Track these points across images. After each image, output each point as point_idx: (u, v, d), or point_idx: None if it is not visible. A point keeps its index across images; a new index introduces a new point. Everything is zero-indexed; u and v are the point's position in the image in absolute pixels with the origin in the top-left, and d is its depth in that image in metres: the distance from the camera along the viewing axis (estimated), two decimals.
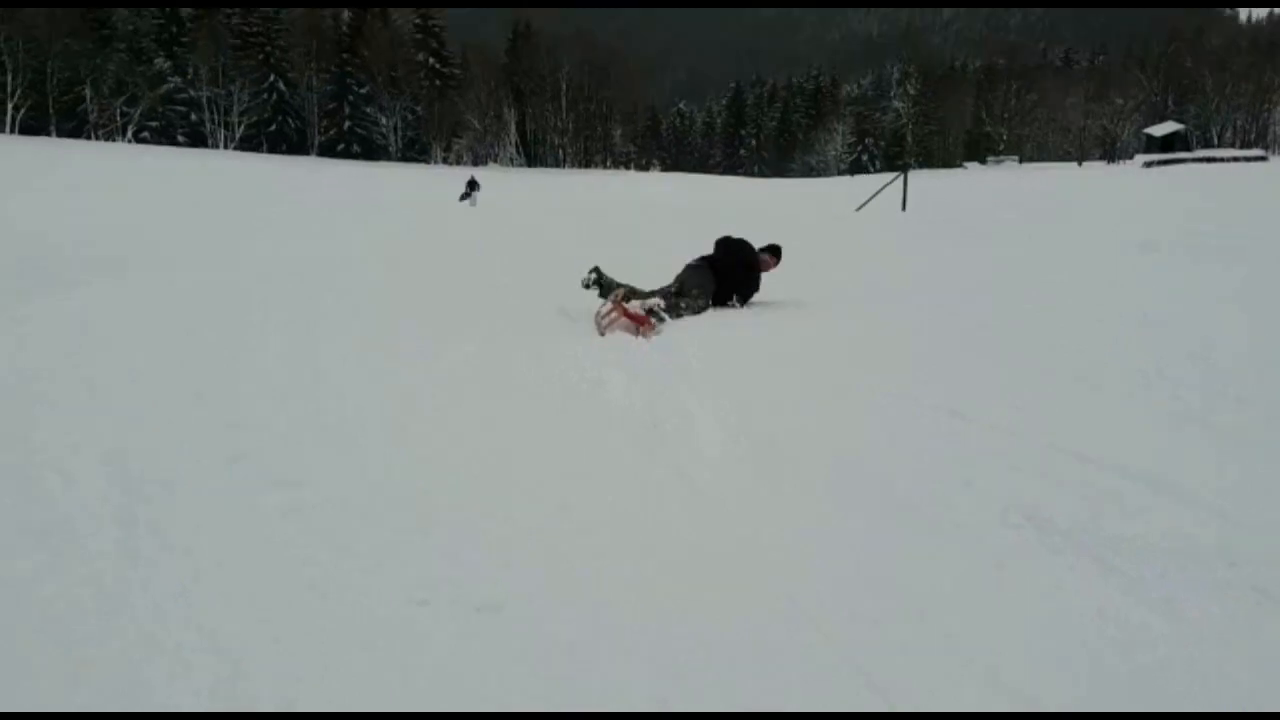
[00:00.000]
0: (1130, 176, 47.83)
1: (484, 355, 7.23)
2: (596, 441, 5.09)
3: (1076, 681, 2.79)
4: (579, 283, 9.84)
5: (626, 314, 7.93)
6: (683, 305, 8.89)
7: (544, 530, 3.92)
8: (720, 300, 9.46)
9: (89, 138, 76.85)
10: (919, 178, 33.44)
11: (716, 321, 8.23)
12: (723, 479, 4.45)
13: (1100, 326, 7.29)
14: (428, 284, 11.65)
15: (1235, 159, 70.05)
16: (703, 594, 3.34)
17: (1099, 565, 3.42)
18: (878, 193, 31.05)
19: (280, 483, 4.52)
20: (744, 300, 9.68)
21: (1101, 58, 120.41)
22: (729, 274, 9.54)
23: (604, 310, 8.13)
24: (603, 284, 9.67)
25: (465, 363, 7.02)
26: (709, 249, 9.79)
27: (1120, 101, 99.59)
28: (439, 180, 48.90)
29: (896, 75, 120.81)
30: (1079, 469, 4.25)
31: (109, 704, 2.77)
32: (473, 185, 36.84)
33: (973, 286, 9.83)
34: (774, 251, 10.18)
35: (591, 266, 9.88)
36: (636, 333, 7.74)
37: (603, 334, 7.78)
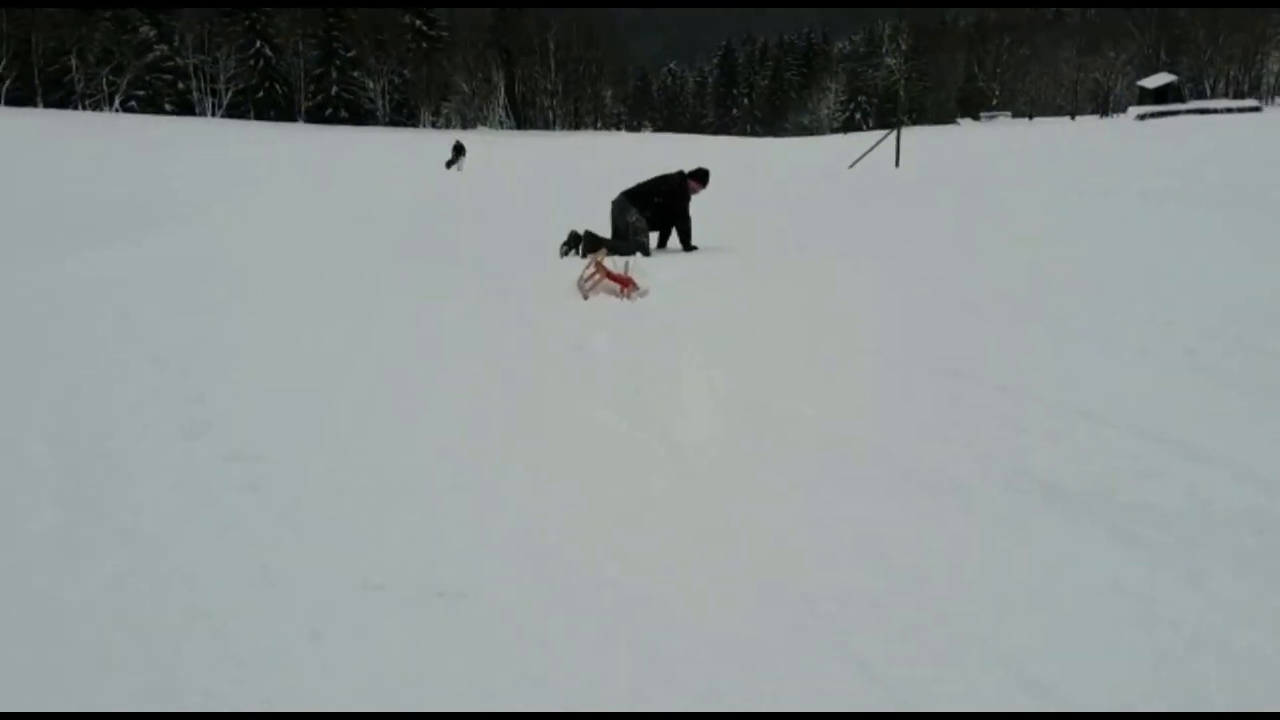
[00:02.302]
0: (1124, 129, 47.35)
1: (465, 320, 6.95)
2: (577, 409, 4.81)
3: (1093, 664, 2.51)
4: (559, 252, 9.78)
5: (609, 275, 7.63)
6: (617, 247, 9.36)
7: (517, 505, 3.65)
8: (657, 227, 10.21)
9: (76, 108, 75.94)
10: (912, 134, 32.96)
11: (703, 281, 7.91)
12: (710, 447, 4.17)
13: (1102, 279, 6.99)
14: (410, 250, 11.33)
15: (1229, 110, 69.41)
16: (687, 576, 3.06)
17: (1114, 534, 3.14)
18: (870, 150, 30.60)
19: (238, 455, 4.25)
20: (682, 234, 10.08)
21: (1093, 11, 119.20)
22: (646, 200, 9.98)
23: (586, 273, 7.82)
24: (581, 241, 9.60)
25: (445, 327, 6.74)
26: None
27: (1112, 54, 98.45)
28: (426, 144, 48.25)
29: (888, 31, 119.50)
30: (1090, 429, 3.97)
31: None
32: (459, 150, 36.22)
33: (969, 244, 9.51)
34: (699, 176, 10.33)
35: (568, 233, 9.97)
36: (620, 294, 7.44)
37: (586, 297, 7.47)
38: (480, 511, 3.59)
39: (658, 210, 10.04)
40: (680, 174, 10.23)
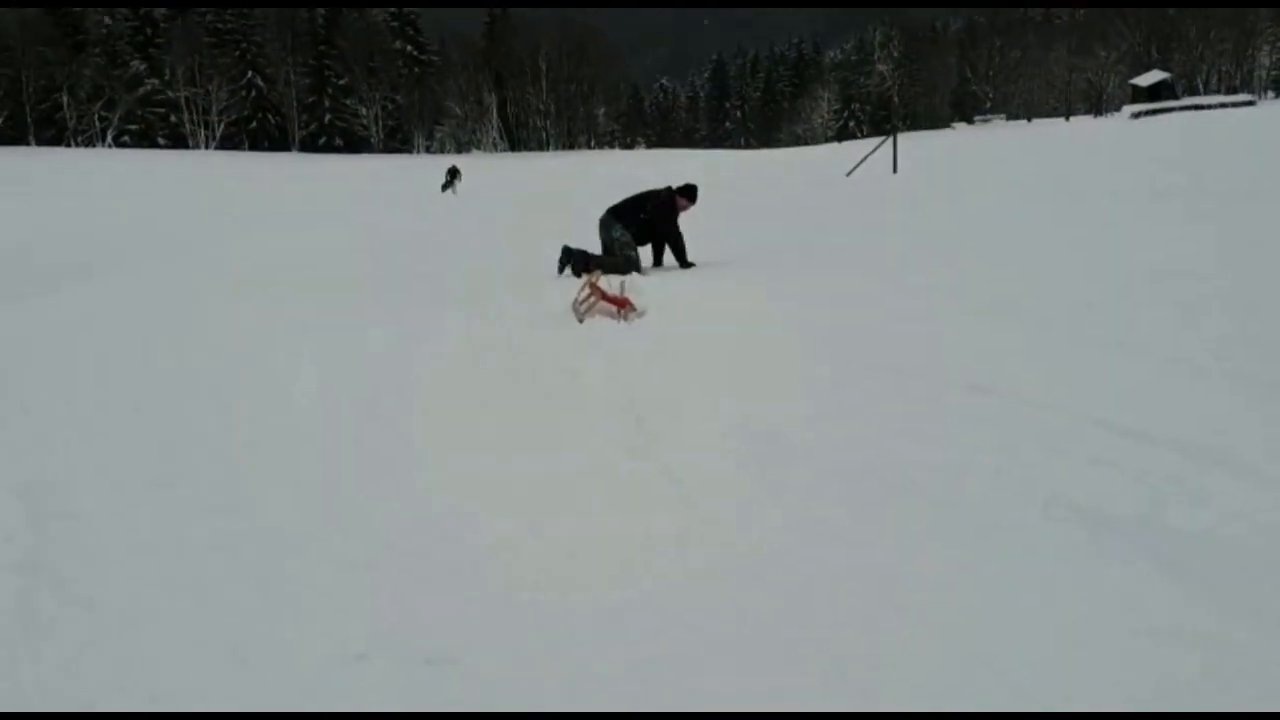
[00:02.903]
0: (1120, 128, 47.12)
1: (455, 349, 6.66)
2: (574, 442, 4.52)
3: None
4: (555, 272, 9.62)
5: (605, 297, 7.33)
6: (608, 263, 9.03)
7: (512, 558, 3.35)
8: (644, 241, 9.79)
9: (68, 144, 75.87)
10: (908, 140, 32.69)
11: (703, 299, 7.60)
12: (717, 482, 3.87)
13: (1120, 283, 6.69)
14: (401, 275, 11.03)
15: (1223, 105, 69.27)
16: (698, 633, 2.76)
17: (1165, 569, 2.84)
18: (867, 156, 30.36)
19: (211, 510, 3.96)
20: (676, 252, 9.69)
21: (1082, 11, 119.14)
22: (632, 215, 9.69)
23: (581, 296, 7.53)
24: (574, 257, 9.34)
25: (434, 358, 6.44)
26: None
27: (1104, 54, 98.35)
28: (419, 169, 48.08)
29: (879, 39, 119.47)
30: (1129, 448, 3.66)
31: None
32: (453, 174, 36.02)
33: (976, 249, 9.22)
34: (687, 193, 9.96)
35: (561, 249, 9.73)
36: (617, 316, 7.15)
37: (581, 320, 7.18)
38: (471, 565, 3.30)
39: (644, 225, 9.73)
40: (669, 190, 9.91)
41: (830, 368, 5.29)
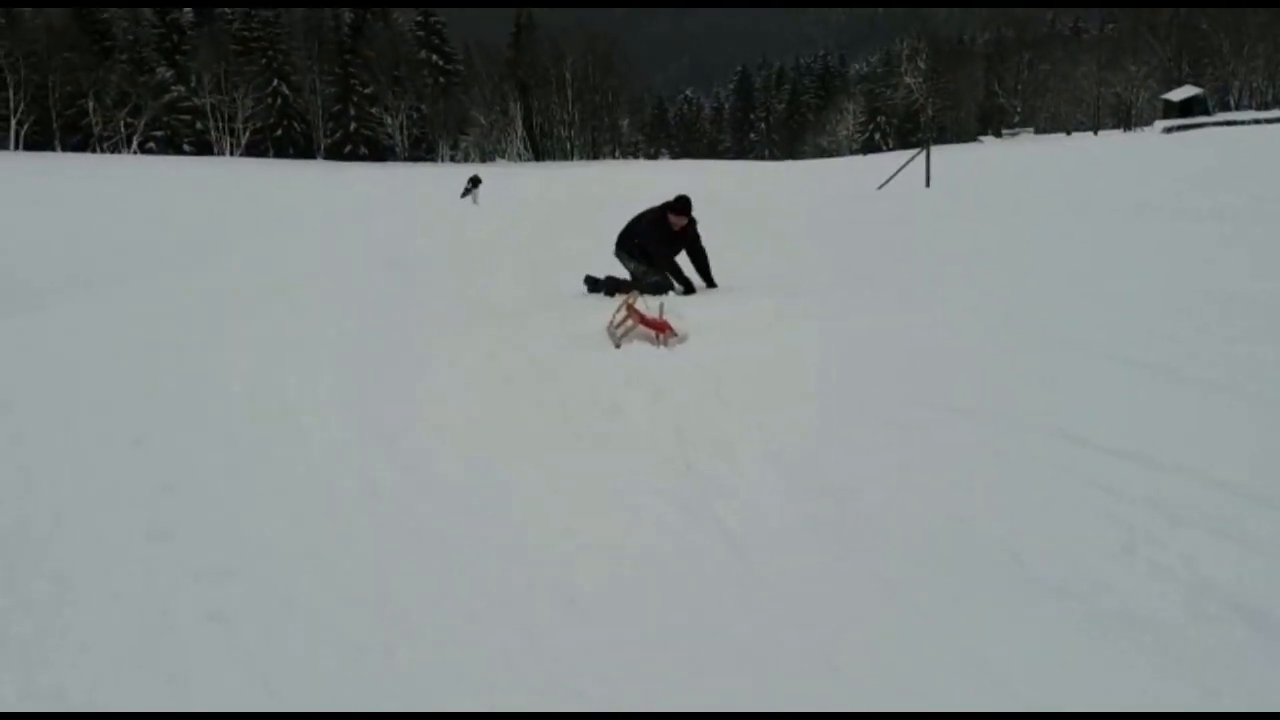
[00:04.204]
0: (1153, 143, 46.33)
1: (479, 376, 6.15)
2: (618, 494, 4.01)
3: None
4: (584, 290, 9.24)
5: (643, 321, 6.83)
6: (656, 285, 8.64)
7: (550, 648, 2.85)
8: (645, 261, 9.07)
9: (94, 150, 75.98)
10: (937, 153, 32.08)
11: (748, 323, 7.05)
12: (785, 552, 3.35)
13: (1198, 312, 6.11)
14: (423, 291, 10.55)
15: (1257, 121, 68.27)
16: None
17: None
18: (900, 170, 29.83)
19: (206, 571, 3.48)
20: (670, 269, 9.00)
21: (1111, 25, 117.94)
22: (629, 245, 9.14)
23: (617, 318, 7.04)
24: (602, 285, 8.87)
25: (457, 388, 5.93)
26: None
27: (1134, 68, 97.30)
28: (443, 179, 47.71)
29: (906, 51, 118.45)
30: (1270, 520, 3.12)
31: None
32: (475, 182, 35.62)
33: (1028, 271, 8.63)
34: (678, 207, 9.02)
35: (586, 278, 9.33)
36: (656, 341, 6.64)
37: (618, 345, 6.67)
38: (502, 655, 2.81)
39: (643, 251, 9.06)
40: (659, 209, 9.10)
41: (894, 407, 4.74)
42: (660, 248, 9.02)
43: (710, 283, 9.10)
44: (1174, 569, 2.87)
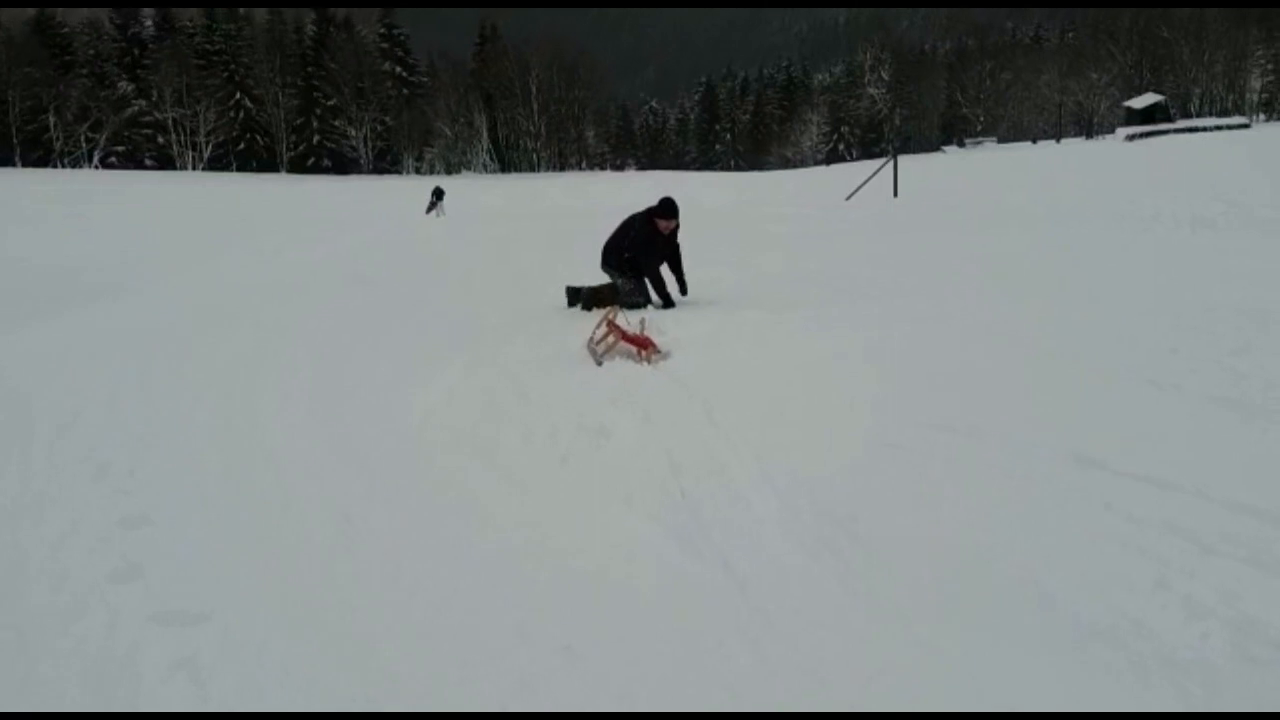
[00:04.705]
0: (1118, 150, 46.63)
1: (458, 399, 5.91)
2: (608, 523, 3.81)
3: None
4: (564, 305, 9.07)
5: (625, 336, 6.64)
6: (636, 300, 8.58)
7: (546, 697, 2.64)
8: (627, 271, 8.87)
9: (55, 165, 74.97)
10: (901, 163, 31.97)
11: (732, 337, 6.86)
12: (789, 588, 3.15)
13: (1199, 325, 5.97)
14: (396, 307, 10.28)
15: (1219, 127, 69.02)
16: None
17: None
18: (867, 180, 29.79)
19: (172, 617, 3.23)
20: (654, 281, 8.76)
21: (1071, 34, 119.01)
22: (617, 257, 8.91)
23: (597, 334, 6.84)
24: (582, 297, 8.66)
25: (436, 412, 5.68)
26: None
27: (1095, 76, 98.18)
28: (409, 190, 47.27)
29: (869, 61, 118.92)
30: None
31: None
32: (438, 194, 35.18)
33: (1019, 283, 8.49)
34: (664, 211, 8.80)
35: (566, 289, 9.14)
36: (638, 358, 6.44)
37: (599, 363, 6.47)
38: (494, 708, 2.59)
39: (632, 265, 8.84)
40: (646, 215, 8.87)
41: (891, 426, 4.56)
42: (651, 257, 8.79)
43: (684, 288, 8.94)
44: (1213, 606, 2.69)
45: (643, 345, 6.54)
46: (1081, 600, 2.81)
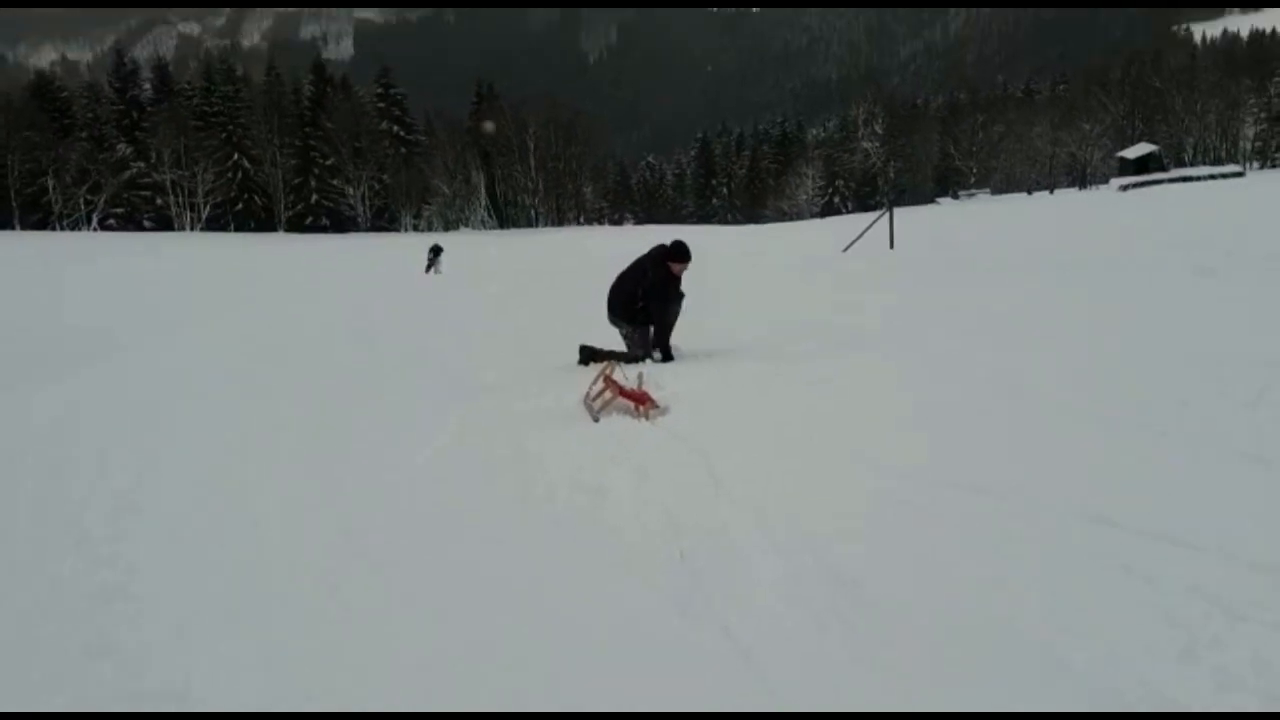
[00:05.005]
0: (1112, 200, 46.83)
1: (450, 460, 5.76)
2: (604, 589, 3.65)
3: None
4: (559, 362, 8.78)
5: (622, 392, 6.50)
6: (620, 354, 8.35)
7: None
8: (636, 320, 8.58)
9: (54, 228, 75.20)
10: (896, 215, 31.99)
11: (733, 391, 6.73)
12: (796, 657, 3.00)
13: (1210, 375, 5.84)
14: (393, 363, 10.15)
15: (1212, 176, 69.43)
16: None
17: None
18: (864, 232, 29.78)
19: (150, 695, 3.08)
20: (659, 328, 8.54)
21: (1063, 86, 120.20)
22: (629, 305, 8.57)
23: (594, 390, 6.71)
24: (594, 355, 8.45)
25: (426, 474, 5.53)
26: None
27: (1087, 127, 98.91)
28: (407, 247, 47.33)
29: (863, 116, 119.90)
30: None
31: None
32: (436, 252, 35.20)
33: (1015, 333, 8.36)
34: (678, 254, 8.61)
35: (579, 347, 8.78)
36: (636, 414, 6.31)
37: (596, 419, 6.33)
38: None
39: (644, 313, 8.56)
40: (659, 258, 8.63)
41: (898, 482, 4.42)
42: (669, 303, 8.52)
43: (666, 354, 8.65)
44: (1245, 677, 2.54)
45: (640, 400, 6.40)
46: (1104, 670, 2.67)
